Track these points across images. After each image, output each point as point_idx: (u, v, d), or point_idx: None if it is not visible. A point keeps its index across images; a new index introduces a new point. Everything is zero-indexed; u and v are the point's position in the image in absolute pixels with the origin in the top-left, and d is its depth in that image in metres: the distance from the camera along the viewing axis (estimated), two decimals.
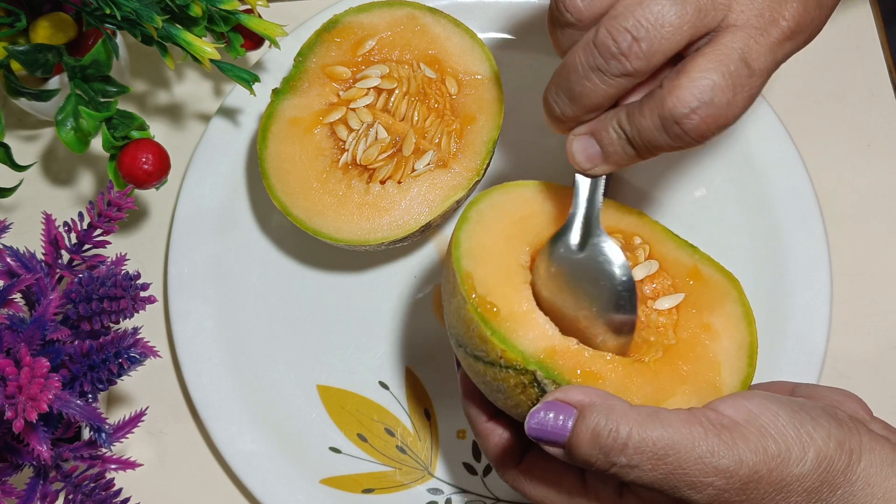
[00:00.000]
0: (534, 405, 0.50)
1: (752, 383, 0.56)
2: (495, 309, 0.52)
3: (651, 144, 0.51)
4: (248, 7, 0.69)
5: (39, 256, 0.57)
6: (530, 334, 0.52)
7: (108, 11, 0.61)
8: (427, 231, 0.68)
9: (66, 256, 0.59)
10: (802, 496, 0.47)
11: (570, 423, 0.48)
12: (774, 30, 0.49)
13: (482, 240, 0.55)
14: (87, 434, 0.59)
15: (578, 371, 0.51)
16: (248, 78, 0.68)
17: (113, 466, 0.58)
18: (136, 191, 0.70)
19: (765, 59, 0.50)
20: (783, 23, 0.49)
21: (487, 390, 0.54)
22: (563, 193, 0.58)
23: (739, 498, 0.47)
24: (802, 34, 0.50)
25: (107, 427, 0.53)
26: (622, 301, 0.54)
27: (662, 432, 0.46)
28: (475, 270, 0.53)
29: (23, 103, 0.69)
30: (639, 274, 0.57)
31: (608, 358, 0.53)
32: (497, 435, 0.55)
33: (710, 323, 0.56)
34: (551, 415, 0.48)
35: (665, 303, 0.57)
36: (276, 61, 0.76)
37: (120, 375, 0.54)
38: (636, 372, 0.53)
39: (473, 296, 0.52)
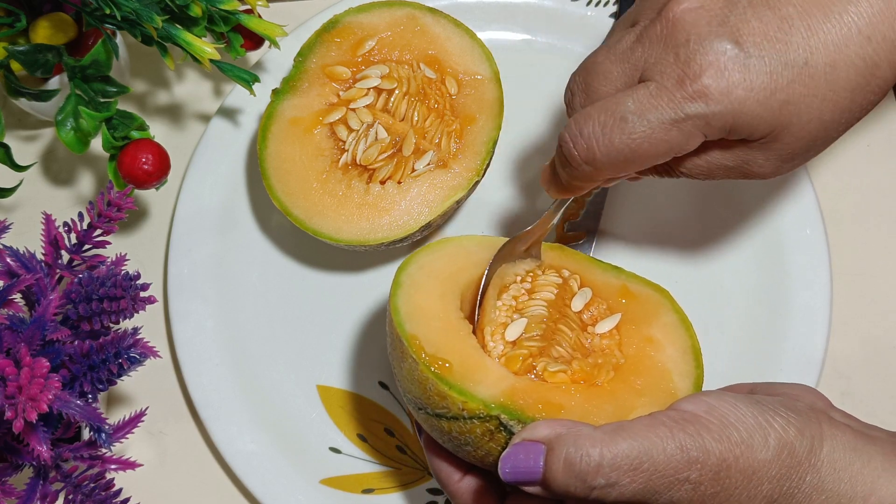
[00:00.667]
0: (503, 450, 0.51)
1: (716, 388, 0.56)
2: (447, 364, 0.53)
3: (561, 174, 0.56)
4: (248, 7, 0.69)
5: (39, 256, 0.57)
6: (486, 380, 0.53)
7: (108, 11, 0.61)
8: (427, 231, 0.68)
9: (66, 256, 0.59)
10: (774, 483, 0.48)
11: (541, 460, 0.48)
12: (679, 90, 0.51)
13: (418, 302, 0.56)
14: (87, 434, 0.59)
15: (540, 406, 0.52)
16: (248, 78, 0.68)
17: (113, 466, 0.58)
18: (136, 191, 0.70)
19: (654, 112, 0.51)
20: (690, 85, 0.50)
21: (455, 446, 0.54)
22: (485, 245, 0.60)
23: (714, 489, 0.47)
24: (717, 101, 0.50)
25: (107, 427, 0.53)
26: None
27: (631, 443, 0.47)
28: (419, 332, 0.54)
29: (23, 103, 0.69)
30: (577, 304, 0.58)
31: (564, 387, 0.54)
32: (472, 490, 0.55)
33: (650, 335, 0.57)
34: (521, 455, 0.48)
35: (605, 326, 0.58)
36: (275, 61, 0.76)
37: (120, 375, 0.54)
38: (595, 395, 0.54)
39: (423, 356, 0.53)
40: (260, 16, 0.69)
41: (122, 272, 0.55)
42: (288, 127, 0.68)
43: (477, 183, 0.68)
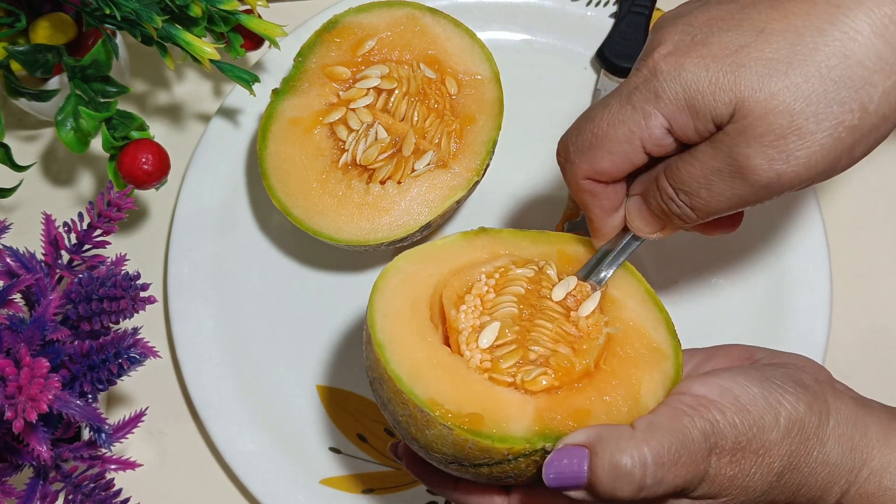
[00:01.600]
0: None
1: (711, 346, 0.58)
2: (476, 416, 0.52)
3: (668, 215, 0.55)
4: (248, 7, 0.69)
5: (39, 257, 0.57)
6: (513, 414, 0.52)
7: (108, 11, 0.61)
8: (427, 231, 0.68)
9: (65, 257, 0.59)
10: (784, 460, 0.49)
11: (585, 465, 0.48)
12: (634, 75, 0.52)
13: (413, 358, 0.54)
14: (86, 434, 0.59)
15: (570, 421, 0.52)
16: (248, 78, 0.68)
17: (113, 467, 0.58)
18: (136, 191, 0.70)
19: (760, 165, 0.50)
20: (643, 66, 0.51)
21: (493, 482, 0.54)
22: (446, 248, 0.59)
23: (732, 471, 0.49)
24: (665, 71, 0.50)
25: (107, 427, 0.53)
26: None
27: (668, 437, 0.47)
28: (436, 393, 0.52)
29: (23, 103, 0.69)
30: (559, 294, 0.58)
31: (578, 387, 0.54)
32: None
33: (609, 296, 0.58)
34: (565, 461, 0.49)
35: (588, 306, 0.57)
36: (275, 61, 0.76)
37: (120, 376, 0.54)
38: (604, 382, 0.54)
39: (450, 415, 0.51)
40: (260, 16, 0.69)
41: (122, 272, 0.55)
42: (288, 127, 0.68)
43: (477, 183, 0.68)
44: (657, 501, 0.50)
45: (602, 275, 0.58)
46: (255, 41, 0.72)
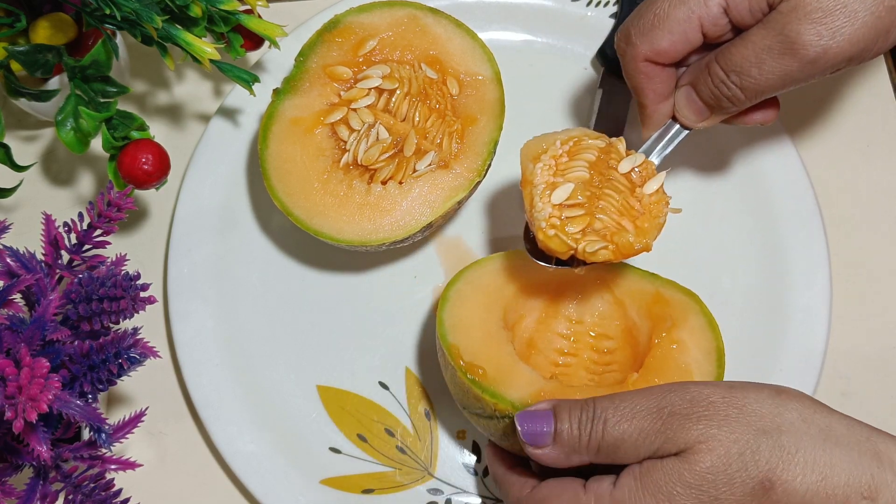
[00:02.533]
0: None
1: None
2: (481, 370, 0.60)
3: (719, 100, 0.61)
4: (248, 7, 0.69)
5: (39, 257, 0.57)
6: (517, 384, 0.59)
7: (108, 12, 0.61)
8: (428, 231, 0.68)
9: (66, 257, 0.59)
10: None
11: (551, 420, 0.55)
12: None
13: (461, 314, 0.62)
14: (86, 434, 0.59)
15: None
16: (248, 78, 0.68)
17: (113, 467, 0.58)
18: (136, 191, 0.70)
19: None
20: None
21: (497, 440, 0.62)
22: (526, 260, 0.65)
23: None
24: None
25: (107, 427, 0.53)
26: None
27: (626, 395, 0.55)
28: (460, 342, 0.61)
29: (23, 104, 0.69)
30: (624, 167, 0.63)
31: (590, 384, 0.60)
32: (520, 480, 0.60)
33: (678, 338, 0.62)
34: (533, 420, 0.56)
35: (653, 185, 0.62)
36: (275, 61, 0.76)
37: (120, 376, 0.54)
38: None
39: (461, 363, 0.60)
40: (260, 16, 0.69)
41: (122, 272, 0.55)
42: (289, 127, 0.68)
43: (478, 183, 0.68)
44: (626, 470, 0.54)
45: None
46: (254, 41, 0.72)
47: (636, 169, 0.63)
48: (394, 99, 0.68)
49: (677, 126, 0.65)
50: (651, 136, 0.66)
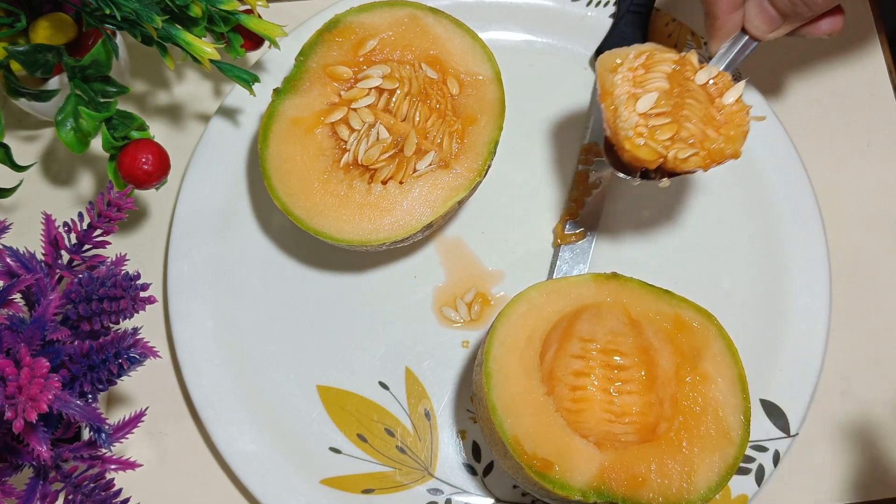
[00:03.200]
0: None
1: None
2: (544, 462, 0.59)
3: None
4: (248, 7, 0.69)
5: (39, 257, 0.57)
6: (578, 465, 0.59)
7: (108, 12, 0.61)
8: (429, 231, 0.68)
9: (65, 257, 0.59)
10: None
11: None
12: None
13: (509, 391, 0.61)
14: (86, 434, 0.59)
15: (624, 488, 0.59)
16: (248, 78, 0.68)
17: (113, 467, 0.58)
18: (136, 191, 0.70)
19: None
20: None
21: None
22: (549, 292, 0.65)
23: None
24: None
25: (107, 427, 0.53)
26: None
27: None
28: (517, 431, 0.60)
29: (23, 103, 0.69)
30: (701, 77, 0.63)
31: (642, 452, 0.60)
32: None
33: (703, 371, 0.62)
34: None
35: (732, 94, 0.62)
36: (275, 61, 0.76)
37: (120, 376, 0.54)
38: (669, 453, 0.60)
39: (527, 458, 0.59)
40: (259, 16, 0.69)
41: (122, 272, 0.55)
42: (289, 127, 0.68)
43: (479, 183, 0.68)
44: None
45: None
46: (254, 41, 0.72)
47: (712, 80, 0.62)
48: (394, 99, 0.68)
49: (746, 38, 0.65)
50: (719, 49, 0.66)
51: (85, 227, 0.59)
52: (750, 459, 0.69)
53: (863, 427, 0.72)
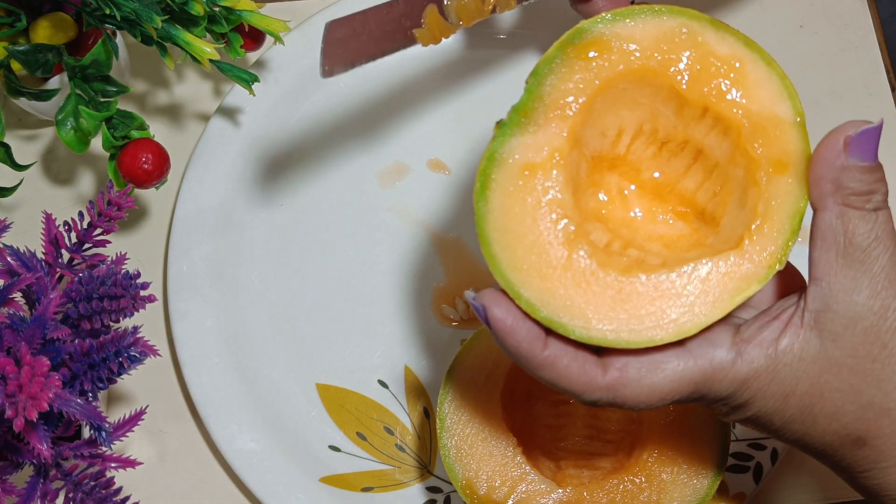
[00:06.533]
0: None
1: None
2: None
3: None
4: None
5: (40, 256, 0.58)
6: None
7: (107, 11, 0.61)
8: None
9: (66, 256, 0.59)
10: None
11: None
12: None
13: (463, 432, 0.61)
14: (87, 433, 0.59)
15: None
16: (248, 78, 0.68)
17: (113, 465, 0.58)
18: (136, 190, 0.70)
19: None
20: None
21: None
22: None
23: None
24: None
25: (107, 426, 0.53)
26: None
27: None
28: (469, 473, 0.60)
29: (23, 103, 0.69)
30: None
31: (602, 484, 0.60)
32: (567, 354, 0.47)
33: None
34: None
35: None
36: (276, 61, 0.76)
37: (120, 374, 0.54)
38: (634, 487, 0.61)
39: (478, 502, 0.60)
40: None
41: (122, 271, 0.55)
42: (518, 174, 0.49)
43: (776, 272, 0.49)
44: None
45: None
46: (254, 41, 0.72)
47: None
48: (651, 146, 0.54)
49: None
50: None
51: (85, 226, 0.59)
52: (748, 458, 0.69)
53: None
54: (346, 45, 0.57)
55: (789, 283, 0.52)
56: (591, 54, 0.50)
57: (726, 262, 0.48)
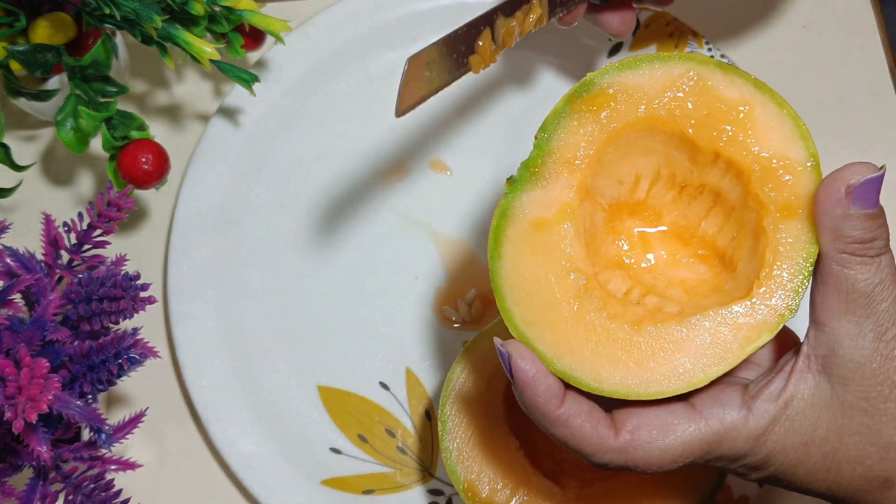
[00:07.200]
0: None
1: None
2: None
3: None
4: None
5: (39, 257, 0.57)
6: None
7: (107, 11, 0.61)
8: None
9: (65, 257, 0.59)
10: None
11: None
12: None
13: (464, 433, 0.61)
14: (86, 435, 0.59)
15: None
16: (248, 78, 0.68)
17: (113, 467, 0.57)
18: (136, 191, 0.70)
19: None
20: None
21: None
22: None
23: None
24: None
25: (107, 428, 0.52)
26: None
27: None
28: (471, 475, 0.60)
29: (22, 103, 0.69)
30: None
31: (605, 486, 0.61)
32: (581, 414, 0.48)
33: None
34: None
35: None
36: (276, 61, 0.76)
37: (120, 376, 0.54)
38: (637, 492, 0.61)
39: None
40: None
41: (122, 272, 0.55)
42: (529, 231, 0.50)
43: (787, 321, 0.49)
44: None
45: None
46: (255, 41, 0.72)
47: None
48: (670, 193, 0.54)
49: None
50: None
51: (85, 227, 0.59)
52: None
53: None
54: (419, 80, 0.53)
55: (786, 340, 0.52)
56: (599, 106, 0.51)
57: (736, 312, 0.48)
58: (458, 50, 0.56)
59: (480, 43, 0.57)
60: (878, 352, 0.46)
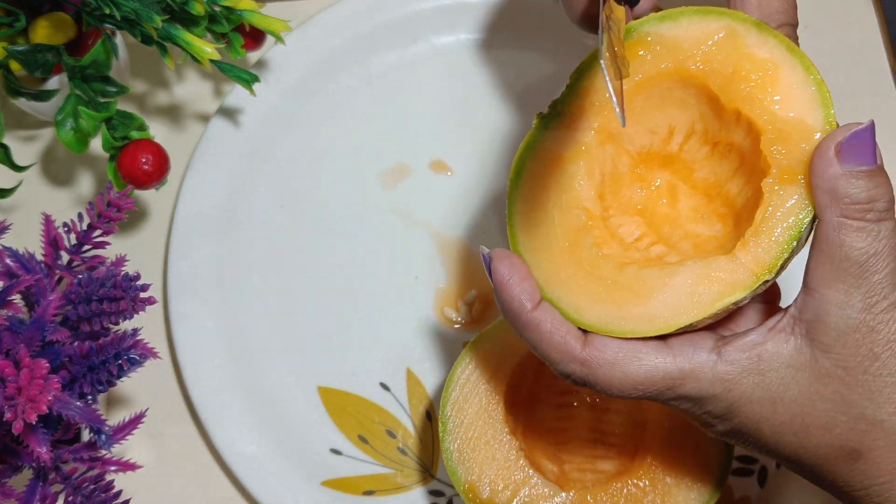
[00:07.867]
0: None
1: None
2: None
3: None
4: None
5: (39, 257, 0.57)
6: None
7: (107, 11, 0.61)
8: (687, 330, 0.51)
9: (65, 257, 0.59)
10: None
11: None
12: None
13: (465, 435, 0.61)
14: (86, 436, 0.59)
15: None
16: (248, 78, 0.68)
17: (113, 468, 0.57)
18: (136, 191, 0.70)
19: None
20: None
21: None
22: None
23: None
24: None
25: (106, 429, 0.52)
26: None
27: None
28: (472, 476, 0.60)
29: (22, 103, 0.69)
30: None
31: (607, 487, 0.60)
32: (552, 320, 0.49)
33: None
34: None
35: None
36: (276, 61, 0.76)
37: (119, 377, 0.54)
38: (639, 488, 0.61)
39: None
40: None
41: (122, 273, 0.55)
42: (547, 165, 0.52)
43: (766, 283, 0.49)
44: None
45: None
46: (255, 41, 0.72)
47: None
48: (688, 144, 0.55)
49: None
50: None
51: (84, 227, 0.59)
52: (752, 461, 0.68)
53: None
54: (617, 79, 0.52)
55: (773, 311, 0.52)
56: (633, 54, 0.51)
57: (714, 266, 0.48)
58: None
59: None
60: (865, 323, 0.46)
